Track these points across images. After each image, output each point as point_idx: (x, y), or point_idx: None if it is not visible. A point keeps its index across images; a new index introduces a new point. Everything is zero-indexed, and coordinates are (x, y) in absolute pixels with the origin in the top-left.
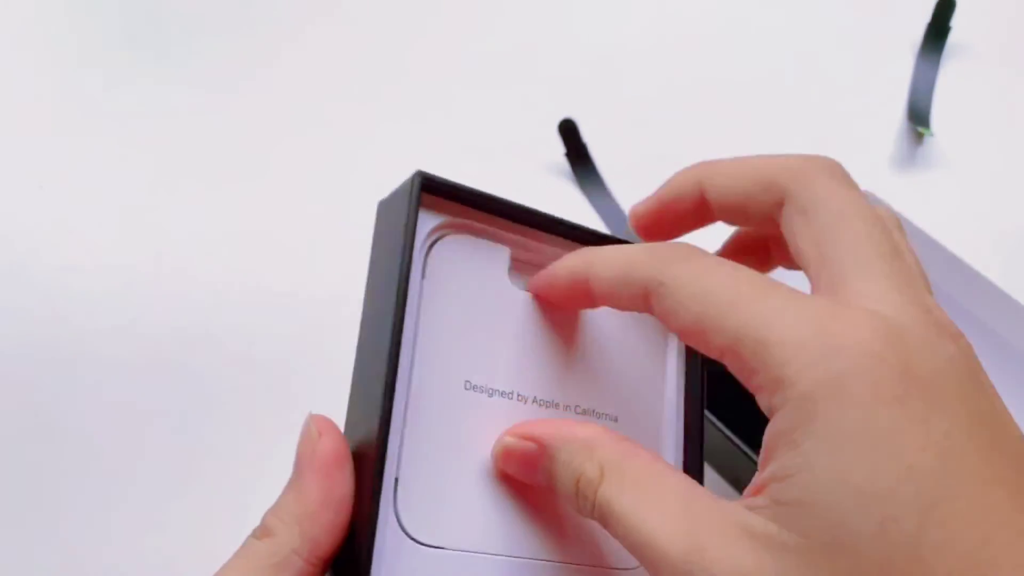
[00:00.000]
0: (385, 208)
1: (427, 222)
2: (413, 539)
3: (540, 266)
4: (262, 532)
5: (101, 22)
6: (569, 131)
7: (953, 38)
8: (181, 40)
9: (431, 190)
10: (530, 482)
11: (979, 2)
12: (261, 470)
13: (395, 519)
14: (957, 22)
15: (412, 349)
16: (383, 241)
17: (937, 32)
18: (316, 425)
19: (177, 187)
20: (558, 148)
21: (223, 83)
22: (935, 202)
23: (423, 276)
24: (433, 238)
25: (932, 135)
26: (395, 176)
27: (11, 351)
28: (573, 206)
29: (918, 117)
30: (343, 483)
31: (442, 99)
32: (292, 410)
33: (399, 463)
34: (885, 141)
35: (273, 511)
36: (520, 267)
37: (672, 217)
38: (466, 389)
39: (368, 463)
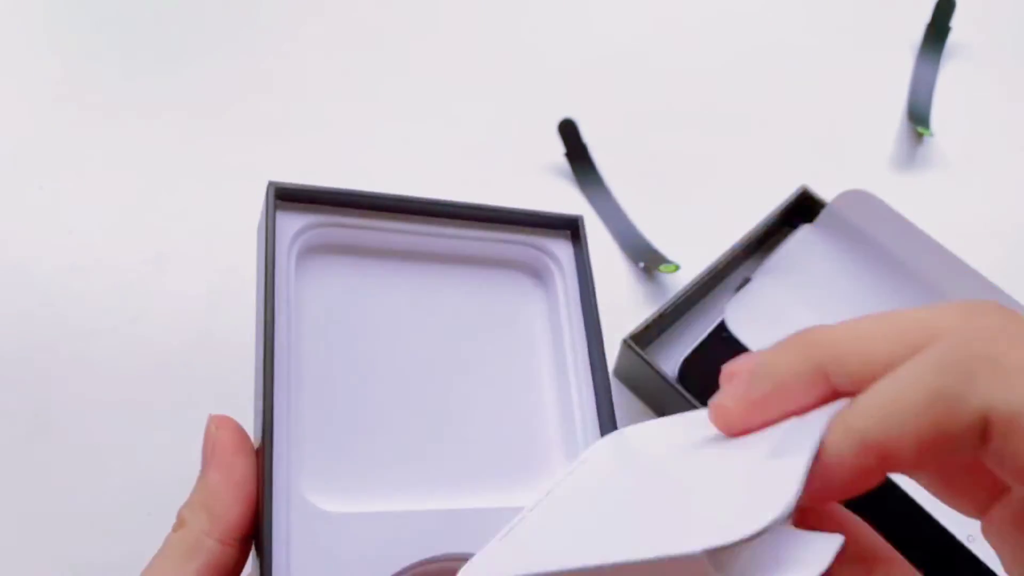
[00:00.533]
0: (259, 225)
1: (291, 225)
2: (321, 509)
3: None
4: (176, 525)
5: (101, 22)
6: (569, 131)
7: (953, 38)
8: (182, 41)
9: (287, 197)
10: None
11: (979, 3)
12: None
13: (300, 495)
14: (957, 22)
15: (289, 342)
16: (259, 252)
17: (937, 32)
18: (214, 422)
19: (177, 187)
20: (558, 148)
21: (224, 83)
22: (935, 202)
23: (295, 275)
24: (299, 243)
25: (932, 135)
26: (395, 176)
27: (11, 351)
28: (573, 206)
29: (918, 117)
30: (242, 466)
31: (442, 99)
32: None
33: (294, 445)
34: (885, 141)
35: (184, 505)
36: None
37: (775, 412)
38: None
39: (263, 447)
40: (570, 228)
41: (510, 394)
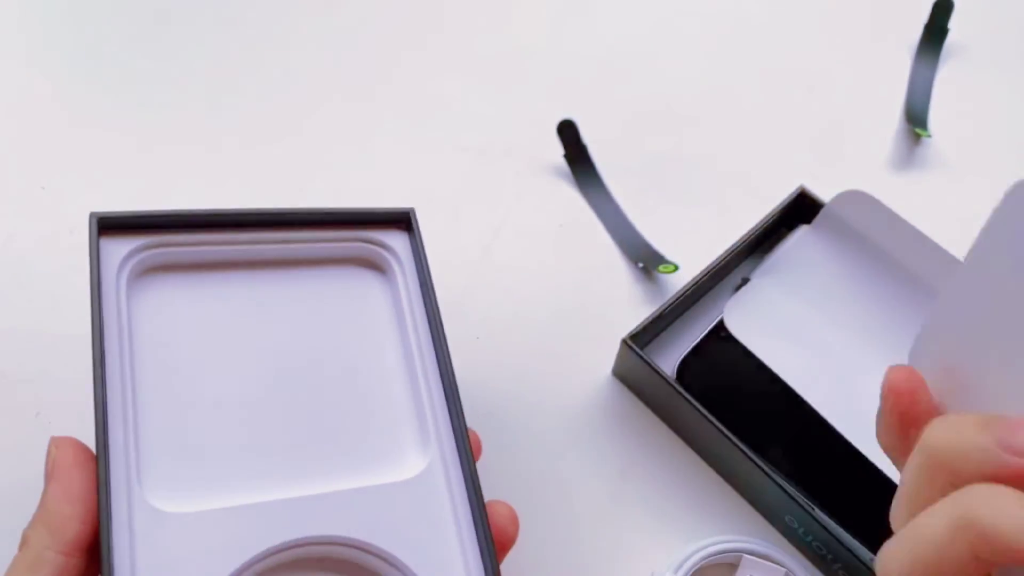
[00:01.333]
0: None
1: (119, 251)
2: (165, 512)
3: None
4: (20, 545)
5: (102, 22)
6: (568, 132)
7: (950, 40)
8: (183, 41)
9: (111, 227)
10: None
11: (976, 4)
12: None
13: (143, 500)
14: (954, 24)
15: (123, 357)
16: (90, 279)
17: (934, 33)
18: (53, 443)
19: (178, 188)
20: (558, 148)
21: (223, 83)
22: (932, 202)
23: (128, 296)
24: (129, 266)
25: (929, 136)
26: (396, 176)
27: (12, 351)
28: (573, 206)
29: (915, 118)
30: (80, 479)
31: (442, 99)
32: None
33: (138, 455)
34: (883, 142)
35: (27, 526)
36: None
37: None
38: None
39: (98, 457)
40: (403, 221)
41: (359, 386)
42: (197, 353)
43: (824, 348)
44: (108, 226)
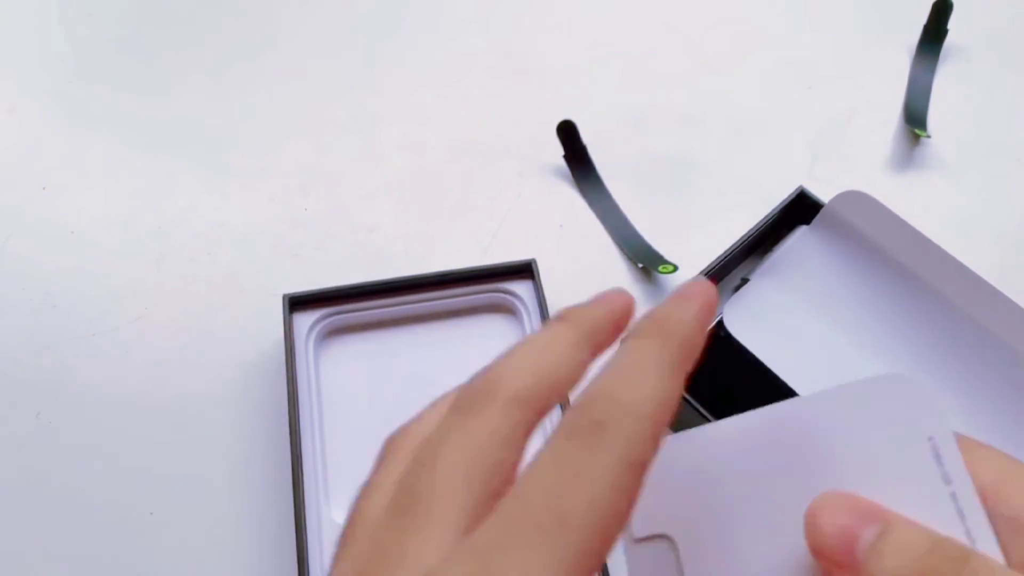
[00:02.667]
0: None
1: (306, 322)
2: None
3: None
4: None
5: (103, 25)
6: (568, 132)
7: (949, 40)
8: (183, 43)
9: (300, 302)
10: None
11: (975, 5)
12: (263, 468)
13: (329, 516)
14: (953, 25)
15: (312, 406)
16: (285, 346)
17: (934, 34)
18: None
19: (179, 188)
20: (557, 149)
21: (226, 84)
22: (932, 203)
23: (315, 356)
24: (315, 332)
25: (929, 136)
26: (396, 176)
27: (12, 351)
28: (573, 207)
29: (915, 119)
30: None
31: (442, 100)
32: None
33: (326, 481)
34: (882, 142)
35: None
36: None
37: None
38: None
39: (295, 485)
40: (527, 270)
41: None
42: (370, 394)
43: (823, 348)
44: (297, 302)
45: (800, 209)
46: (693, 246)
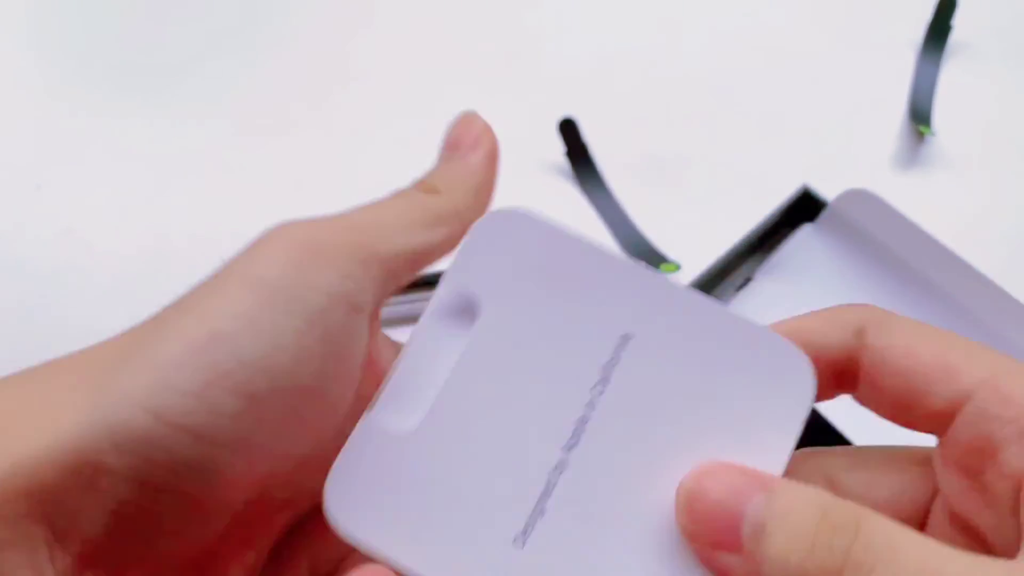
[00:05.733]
0: None
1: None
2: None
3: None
4: (426, 188)
5: (98, 21)
6: (570, 130)
7: (954, 37)
8: (180, 38)
9: None
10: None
11: (981, 1)
12: None
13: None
14: (958, 21)
15: None
16: None
17: (938, 31)
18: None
19: (178, 186)
20: (558, 148)
21: (224, 81)
22: (936, 201)
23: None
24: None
25: (933, 134)
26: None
27: (10, 351)
28: (573, 206)
29: (919, 116)
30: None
31: (442, 98)
32: None
33: None
34: (886, 140)
35: (437, 175)
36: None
37: None
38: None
39: None
40: None
41: None
42: None
43: None
44: None
45: (804, 207)
46: (696, 245)
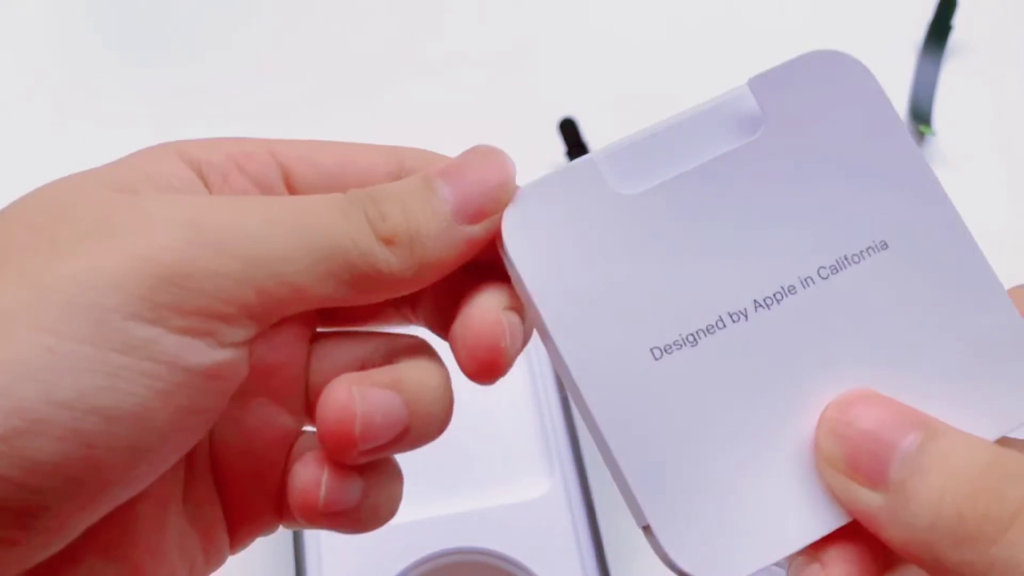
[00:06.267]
0: None
1: None
2: None
3: None
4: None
5: (100, 21)
6: (570, 130)
7: (955, 37)
8: (181, 38)
9: None
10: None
11: (981, 1)
12: None
13: None
14: (959, 21)
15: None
16: None
17: (939, 31)
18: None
19: None
20: (559, 147)
21: (225, 79)
22: None
23: None
24: None
25: (934, 134)
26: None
27: None
28: None
29: (919, 116)
30: None
31: (442, 97)
32: None
33: None
34: None
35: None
36: None
37: None
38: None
39: None
40: None
41: (492, 415)
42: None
43: None
44: None
45: None
46: None
